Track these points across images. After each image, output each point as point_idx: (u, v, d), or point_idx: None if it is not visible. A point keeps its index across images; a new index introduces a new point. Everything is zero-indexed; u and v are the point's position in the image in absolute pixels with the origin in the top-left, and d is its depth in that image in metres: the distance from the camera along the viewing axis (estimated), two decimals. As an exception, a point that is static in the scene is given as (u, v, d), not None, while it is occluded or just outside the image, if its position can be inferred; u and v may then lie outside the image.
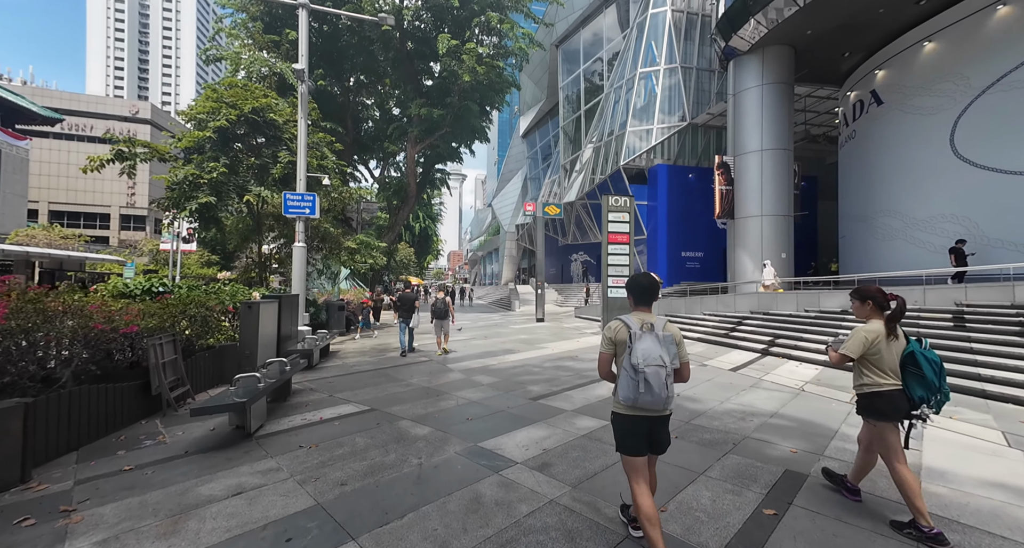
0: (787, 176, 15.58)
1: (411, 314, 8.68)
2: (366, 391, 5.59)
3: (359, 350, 9.30)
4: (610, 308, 12.65)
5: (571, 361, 7.66)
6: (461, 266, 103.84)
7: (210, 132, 8.44)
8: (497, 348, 9.40)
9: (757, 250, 15.47)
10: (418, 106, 20.30)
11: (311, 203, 8.86)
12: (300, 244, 8.85)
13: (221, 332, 6.64)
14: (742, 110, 15.99)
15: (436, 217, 48.73)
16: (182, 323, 5.62)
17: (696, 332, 10.60)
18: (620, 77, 26.43)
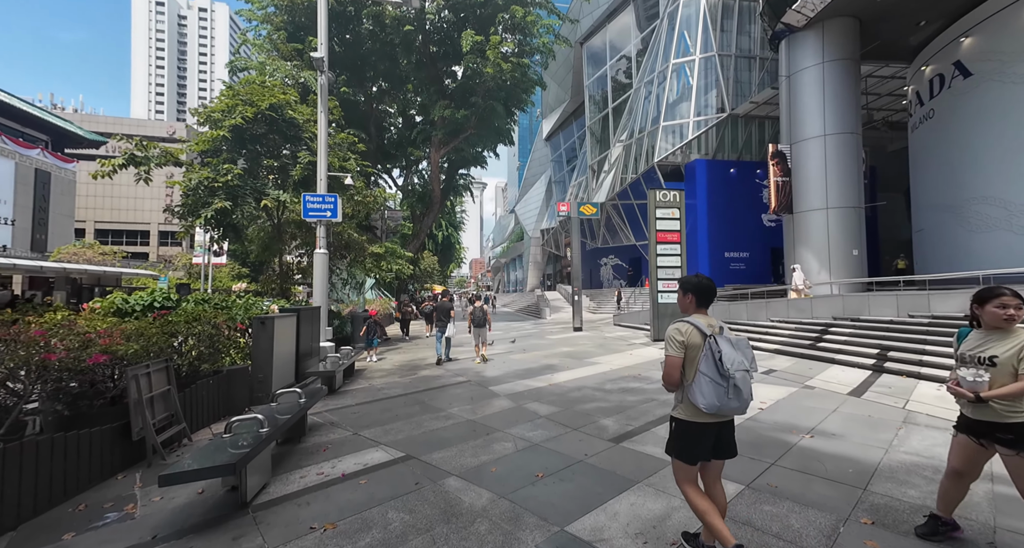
0: (856, 163, 13.83)
1: (447, 322, 8.63)
2: (398, 427, 4.51)
3: (387, 369, 8.30)
4: (661, 315, 11.29)
5: (636, 382, 6.39)
6: (483, 274, 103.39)
7: (225, 131, 7.75)
8: (540, 363, 8.21)
9: (822, 247, 13.73)
10: (442, 108, 19.61)
11: (333, 205, 8.01)
12: (322, 251, 7.99)
13: (237, 350, 5.76)
14: (799, 92, 14.39)
15: (459, 225, 48.29)
16: (188, 343, 4.74)
17: (770, 342, 9.10)
18: (651, 71, 25.08)
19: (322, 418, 4.90)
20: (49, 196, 26.68)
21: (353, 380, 7.07)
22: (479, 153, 24.08)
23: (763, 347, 8.93)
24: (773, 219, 23.30)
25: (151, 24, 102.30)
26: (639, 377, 6.72)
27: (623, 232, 27.34)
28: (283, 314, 6.19)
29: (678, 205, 11.60)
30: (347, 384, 6.80)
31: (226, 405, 5.03)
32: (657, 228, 11.46)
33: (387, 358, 9.67)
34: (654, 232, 11.46)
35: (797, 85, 14.46)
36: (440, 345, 8.65)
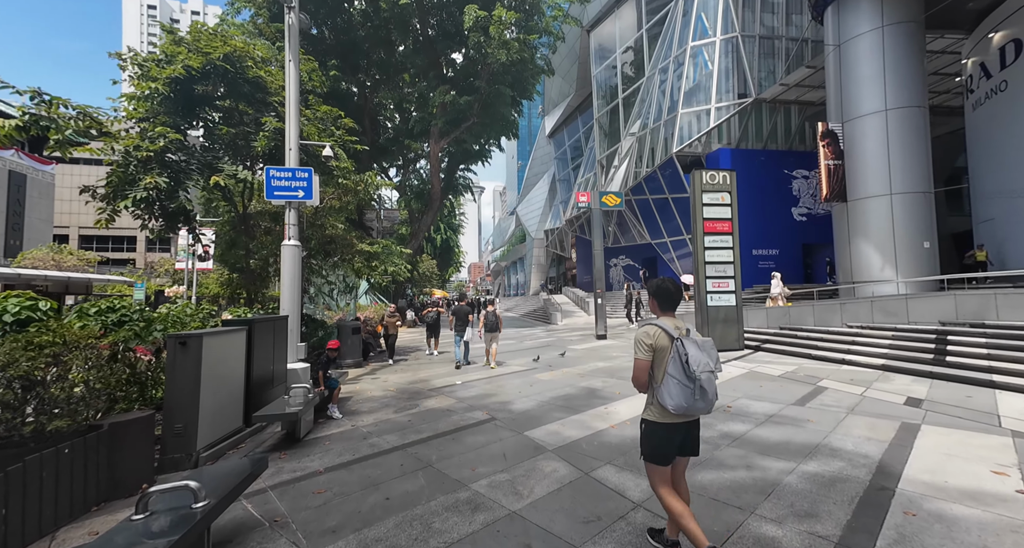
0: (924, 141, 12.01)
1: (466, 327, 8.71)
2: (387, 534, 2.54)
3: (380, 395, 6.34)
4: (711, 320, 9.36)
5: (735, 421, 4.44)
6: (483, 277, 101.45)
7: (161, 84, 5.83)
8: (579, 386, 6.27)
9: (886, 239, 11.86)
10: (442, 93, 17.79)
11: (306, 182, 6.08)
12: (291, 242, 6.06)
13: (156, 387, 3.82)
14: (852, 63, 12.59)
15: (458, 228, 46.48)
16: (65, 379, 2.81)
17: (866, 355, 7.17)
18: (665, 56, 23.34)
19: (261, 508, 2.92)
20: (24, 199, 24.77)
21: (329, 419, 5.10)
22: (483, 146, 22.30)
23: (859, 361, 7.00)
24: (804, 213, 21.48)
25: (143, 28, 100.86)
26: (731, 411, 4.78)
27: (637, 230, 25.47)
28: (223, 329, 4.23)
29: (729, 188, 9.72)
30: (320, 427, 4.82)
31: (108, 483, 3.06)
32: (704, 216, 9.56)
33: (381, 378, 7.70)
34: (700, 221, 9.55)
35: (850, 55, 12.65)
36: (459, 349, 8.72)
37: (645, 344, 2.07)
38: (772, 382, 6.16)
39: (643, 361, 2.07)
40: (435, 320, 10.17)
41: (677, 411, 1.98)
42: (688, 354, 1.95)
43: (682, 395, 1.96)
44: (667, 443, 2.09)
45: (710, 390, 1.98)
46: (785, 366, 7.34)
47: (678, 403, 1.97)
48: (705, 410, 2.03)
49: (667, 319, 2.15)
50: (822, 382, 6.01)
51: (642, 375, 2.09)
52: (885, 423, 4.10)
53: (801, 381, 6.15)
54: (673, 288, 2.19)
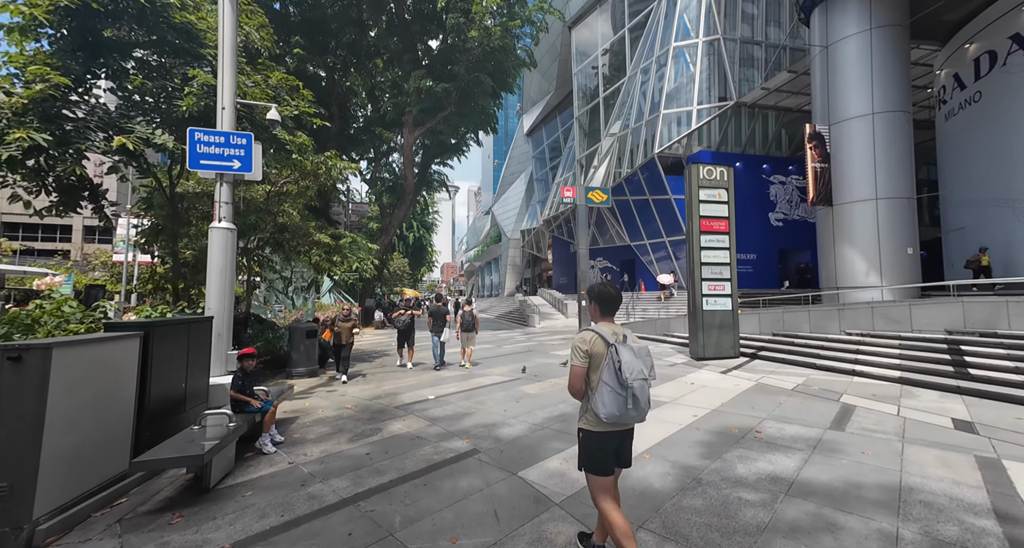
0: (908, 146, 11.97)
1: (444, 327, 8.53)
2: None
3: (334, 416, 5.17)
4: (707, 326, 8.72)
5: (766, 459, 3.65)
6: (456, 278, 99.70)
7: (42, 10, 4.45)
8: (574, 404, 5.37)
9: (871, 245, 11.72)
10: (417, 78, 16.57)
11: (244, 150, 4.86)
12: (223, 225, 4.81)
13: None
14: (839, 66, 12.44)
15: (431, 227, 45.00)
16: None
17: (876, 365, 6.67)
18: (647, 56, 23.06)
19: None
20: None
21: (259, 456, 3.92)
22: (460, 138, 21.18)
23: (871, 373, 6.46)
24: (781, 218, 21.68)
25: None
26: (763, 439, 3.99)
27: (616, 231, 25.07)
28: (96, 337, 3.01)
29: (726, 185, 9.13)
30: (246, 465, 3.64)
31: None
32: (701, 214, 8.92)
33: (338, 391, 6.49)
34: (696, 220, 8.91)
35: (837, 57, 12.50)
36: (436, 349, 8.48)
37: (581, 350, 2.01)
38: (789, 398, 5.47)
39: (579, 368, 2.02)
40: (409, 325, 8.38)
41: (609, 420, 1.94)
42: (622, 361, 1.91)
43: (614, 403, 1.92)
44: (603, 452, 2.05)
45: (642, 398, 1.94)
46: (792, 377, 6.73)
47: (610, 411, 1.92)
48: (637, 419, 2.00)
49: (605, 324, 2.11)
50: (844, 398, 5.37)
51: (578, 382, 2.04)
52: (957, 457, 3.41)
53: (820, 396, 5.49)
54: (614, 293, 2.15)
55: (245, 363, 4.02)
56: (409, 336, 8.45)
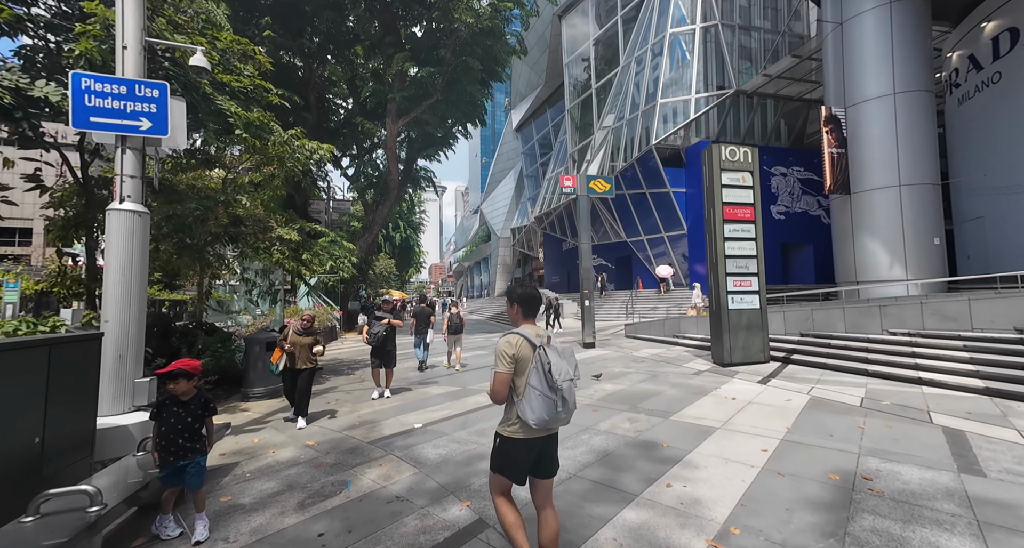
0: (932, 129, 11.16)
1: (428, 328, 8.43)
2: None
3: (286, 462, 3.91)
4: (733, 327, 7.68)
5: (926, 524, 2.54)
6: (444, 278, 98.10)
7: None
8: (600, 433, 4.21)
9: (894, 235, 10.87)
10: (400, 61, 15.27)
11: (155, 105, 3.58)
12: (124, 207, 3.52)
13: None
14: (855, 43, 11.57)
15: (418, 227, 43.57)
16: None
17: (941, 371, 5.68)
18: (642, 44, 22.10)
19: None
20: None
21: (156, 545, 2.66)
22: (448, 130, 19.90)
23: (943, 381, 5.46)
24: (783, 211, 20.91)
25: None
26: (882, 494, 2.88)
27: (612, 227, 24.08)
28: None
29: (751, 167, 8.11)
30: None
31: None
32: (724, 201, 7.88)
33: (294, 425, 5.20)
34: (718, 207, 7.86)
35: (853, 34, 11.64)
36: (419, 350, 8.42)
37: (507, 355, 1.93)
38: (866, 418, 4.41)
39: (504, 375, 1.94)
40: (383, 339, 5.97)
41: (539, 425, 1.88)
42: (550, 363, 1.87)
43: (544, 407, 1.87)
44: (522, 459, 1.98)
45: (571, 400, 1.93)
46: (849, 388, 5.69)
47: (540, 417, 1.86)
48: (565, 421, 1.97)
49: (528, 327, 2.07)
50: (936, 418, 4.34)
51: (503, 389, 1.95)
52: None
53: (903, 416, 4.45)
54: (536, 294, 2.12)
55: (172, 386, 2.62)
56: (386, 355, 6.14)
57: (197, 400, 2.70)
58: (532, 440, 1.97)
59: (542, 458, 2.02)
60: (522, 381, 1.92)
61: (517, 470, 2.00)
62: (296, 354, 4.89)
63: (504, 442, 2.00)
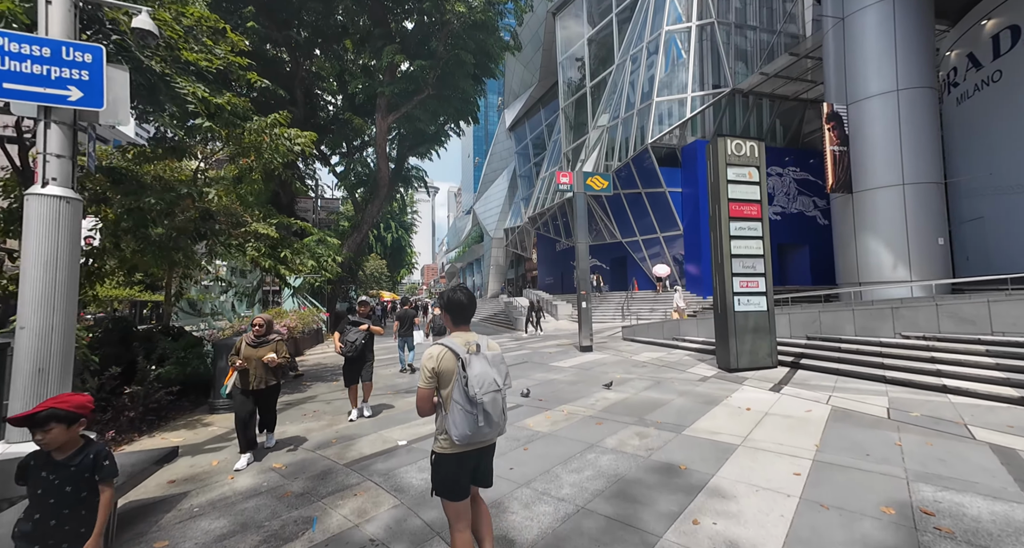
0: (935, 126, 10.94)
1: (412, 331, 8.43)
2: None
3: (243, 492, 3.37)
4: (739, 330, 7.27)
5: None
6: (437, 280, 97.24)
7: None
8: (608, 451, 3.73)
9: (897, 235, 10.61)
10: (391, 53, 14.69)
11: (87, 72, 3.02)
12: (46, 192, 2.95)
13: None
14: (857, 38, 11.32)
15: (410, 227, 42.87)
16: None
17: (966, 377, 5.32)
18: (637, 42, 21.82)
19: None
20: None
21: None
22: (439, 127, 19.37)
23: (969, 390, 5.09)
24: (778, 212, 20.71)
25: None
26: (953, 537, 2.44)
27: (606, 228, 23.71)
28: None
29: (757, 162, 7.73)
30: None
31: None
32: (730, 197, 7.48)
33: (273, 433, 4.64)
34: (724, 204, 7.46)
35: (855, 30, 11.38)
36: (403, 353, 8.42)
37: (428, 369, 1.86)
38: (901, 433, 3.99)
39: (426, 391, 1.87)
40: (362, 348, 5.12)
41: (461, 441, 1.80)
42: (468, 376, 1.79)
43: (465, 423, 1.78)
44: (459, 475, 1.89)
45: (495, 413, 1.83)
46: (870, 396, 5.30)
47: (462, 432, 1.79)
48: (492, 435, 1.89)
49: (458, 335, 1.97)
50: (977, 432, 3.93)
51: (426, 406, 1.89)
52: None
53: (939, 431, 4.04)
54: (466, 299, 2.00)
55: (40, 437, 1.73)
56: (362, 367, 5.21)
57: (82, 458, 1.80)
58: (465, 454, 1.89)
59: (479, 469, 1.97)
60: (447, 394, 1.85)
61: (457, 487, 1.89)
62: (251, 371, 3.92)
63: (438, 459, 1.91)
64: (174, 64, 5.37)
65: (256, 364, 3.94)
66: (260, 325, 4.10)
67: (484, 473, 2.00)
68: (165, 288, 7.15)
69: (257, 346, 4.00)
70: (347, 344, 5.08)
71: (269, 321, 4.21)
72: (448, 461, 1.88)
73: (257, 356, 3.95)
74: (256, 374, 3.94)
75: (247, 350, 3.98)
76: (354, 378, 5.24)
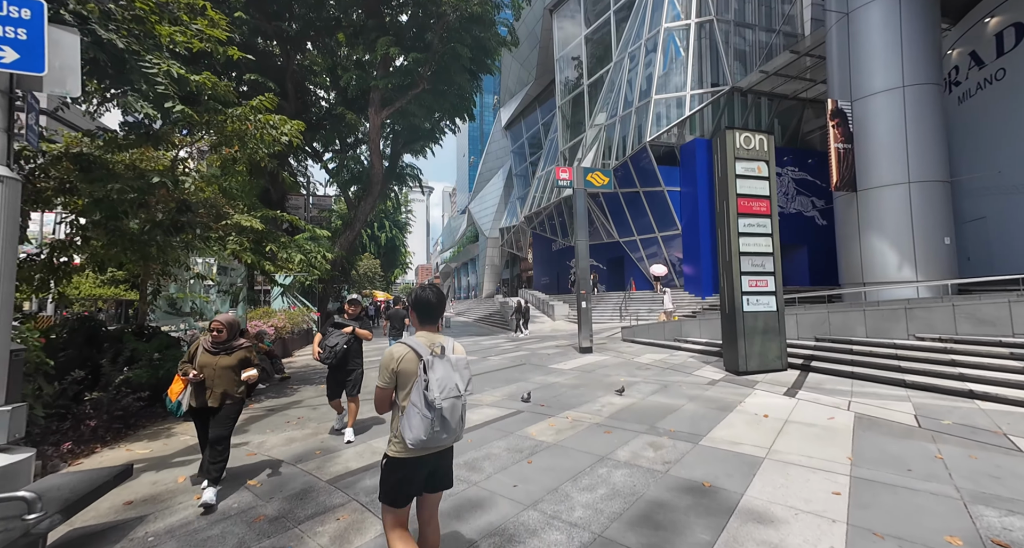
0: (942, 123, 10.74)
1: (403, 331, 8.38)
2: None
3: (209, 517, 2.95)
4: (748, 331, 6.96)
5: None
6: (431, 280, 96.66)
7: None
8: (621, 464, 3.37)
9: (903, 234, 10.39)
10: (385, 45, 14.27)
11: (24, 30, 2.60)
12: (-20, 168, 2.52)
13: None
14: (862, 34, 11.10)
15: (404, 227, 42.34)
16: None
17: (993, 382, 5.04)
18: (635, 39, 21.58)
19: None
20: None
21: None
22: (435, 123, 18.95)
23: (1001, 395, 4.80)
24: (777, 212, 20.58)
25: None
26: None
27: (604, 227, 23.42)
28: None
29: (766, 156, 7.43)
30: None
31: None
32: (738, 193, 7.17)
33: (252, 442, 4.20)
34: (732, 199, 7.14)
35: (860, 25, 11.16)
36: None
37: (388, 370, 1.82)
38: (936, 444, 3.68)
39: (384, 391, 1.85)
40: (344, 355, 4.38)
41: (415, 446, 1.73)
42: (428, 379, 1.72)
43: (421, 427, 1.71)
44: (409, 481, 1.81)
45: (452, 419, 1.75)
46: (893, 402, 4.99)
47: (416, 436, 1.71)
48: (449, 441, 1.80)
49: (423, 334, 1.92)
50: (1019, 442, 3.62)
51: (384, 406, 1.87)
52: None
53: (979, 442, 3.73)
54: (434, 298, 1.93)
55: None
56: (347, 377, 4.46)
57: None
58: (420, 459, 1.81)
59: (436, 473, 1.88)
60: (405, 395, 1.80)
61: (402, 494, 1.81)
62: (208, 385, 3.12)
63: (389, 463, 1.83)
64: (146, 39, 4.94)
65: (217, 376, 3.13)
66: (219, 330, 3.21)
67: (442, 477, 1.91)
68: (141, 285, 6.68)
69: (217, 353, 3.20)
70: (326, 350, 4.29)
71: (232, 323, 3.31)
72: (400, 465, 1.80)
73: (220, 366, 3.15)
74: (214, 388, 3.12)
75: (204, 357, 3.17)
76: (336, 391, 4.48)
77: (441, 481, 1.91)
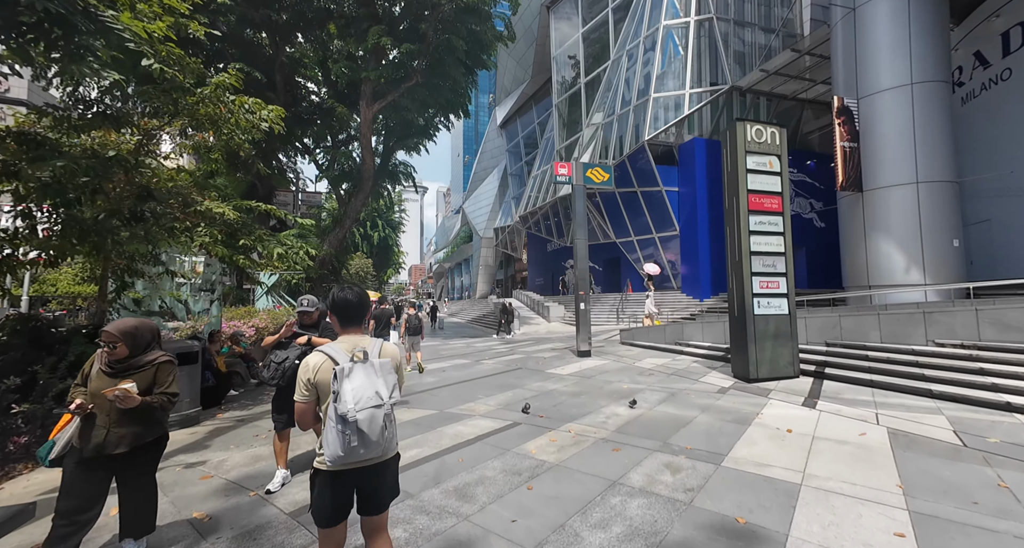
0: (950, 122, 10.46)
1: (388, 330, 8.43)
2: None
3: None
4: (759, 336, 6.53)
5: None
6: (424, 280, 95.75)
7: None
8: (636, 490, 2.88)
9: (911, 236, 10.07)
10: (377, 34, 13.72)
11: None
12: None
13: None
14: (869, 30, 10.80)
15: (397, 226, 41.66)
16: None
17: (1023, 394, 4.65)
18: (634, 37, 21.26)
19: None
20: None
21: None
22: (428, 119, 18.43)
23: (1013, 403, 4.40)
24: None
25: None
26: None
27: (600, 227, 23.03)
28: None
29: (778, 151, 7.00)
30: None
31: None
32: (749, 188, 6.74)
33: (212, 459, 3.64)
34: (743, 195, 6.71)
35: (867, 20, 10.85)
36: None
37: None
38: (999, 469, 3.24)
39: (304, 405, 1.68)
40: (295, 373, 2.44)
41: (334, 462, 1.59)
42: (340, 391, 1.57)
43: (337, 442, 1.57)
44: (332, 496, 1.66)
45: (371, 432, 1.57)
46: (920, 414, 4.57)
47: (333, 452, 1.58)
48: (371, 456, 1.62)
49: (346, 339, 1.77)
50: (1087, 466, 3.20)
51: (306, 419, 1.71)
52: None
53: (1035, 461, 3.30)
54: (355, 298, 1.78)
55: None
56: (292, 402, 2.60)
57: None
58: (342, 473, 1.65)
59: (363, 492, 1.71)
60: (326, 407, 1.64)
61: (329, 511, 1.66)
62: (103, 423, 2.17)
63: (313, 475, 1.71)
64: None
65: (111, 407, 2.14)
66: (112, 343, 2.20)
67: (368, 500, 1.72)
68: (100, 281, 6.06)
69: (116, 374, 2.22)
70: (270, 366, 3.14)
71: (134, 332, 2.27)
72: (324, 479, 1.68)
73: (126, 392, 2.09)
74: (113, 426, 2.17)
75: (98, 380, 2.21)
76: (286, 420, 3.24)
77: (370, 506, 1.73)
